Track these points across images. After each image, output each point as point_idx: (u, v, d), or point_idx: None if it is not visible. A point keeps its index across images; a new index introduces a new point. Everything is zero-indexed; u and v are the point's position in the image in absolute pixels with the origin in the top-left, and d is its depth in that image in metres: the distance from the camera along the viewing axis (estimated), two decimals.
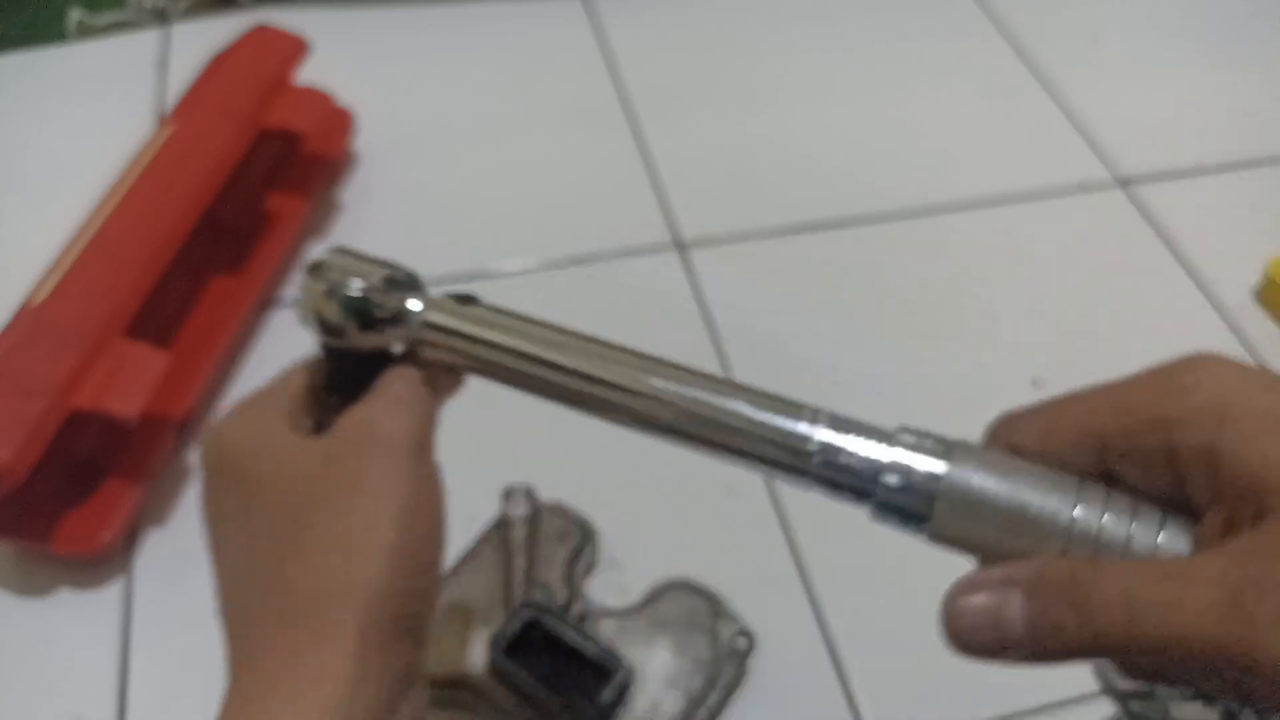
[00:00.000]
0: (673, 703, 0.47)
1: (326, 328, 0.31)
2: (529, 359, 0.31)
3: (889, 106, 0.78)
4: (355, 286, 0.31)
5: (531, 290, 0.64)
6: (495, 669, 0.46)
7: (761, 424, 0.28)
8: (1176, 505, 0.26)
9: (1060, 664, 0.25)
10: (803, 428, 0.28)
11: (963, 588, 0.26)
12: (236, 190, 0.61)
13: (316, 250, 0.66)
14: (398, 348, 0.33)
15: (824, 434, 0.28)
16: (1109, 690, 0.37)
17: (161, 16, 0.81)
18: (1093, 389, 0.28)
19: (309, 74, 0.66)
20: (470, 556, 0.51)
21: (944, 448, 0.27)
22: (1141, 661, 0.24)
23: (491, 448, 0.56)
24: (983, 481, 0.27)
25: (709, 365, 0.59)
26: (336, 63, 0.67)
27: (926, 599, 0.27)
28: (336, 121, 0.69)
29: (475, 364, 0.32)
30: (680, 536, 0.54)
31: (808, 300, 0.65)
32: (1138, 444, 0.26)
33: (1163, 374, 0.26)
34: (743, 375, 0.60)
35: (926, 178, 0.73)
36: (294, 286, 0.64)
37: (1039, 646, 0.25)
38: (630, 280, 0.64)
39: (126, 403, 0.49)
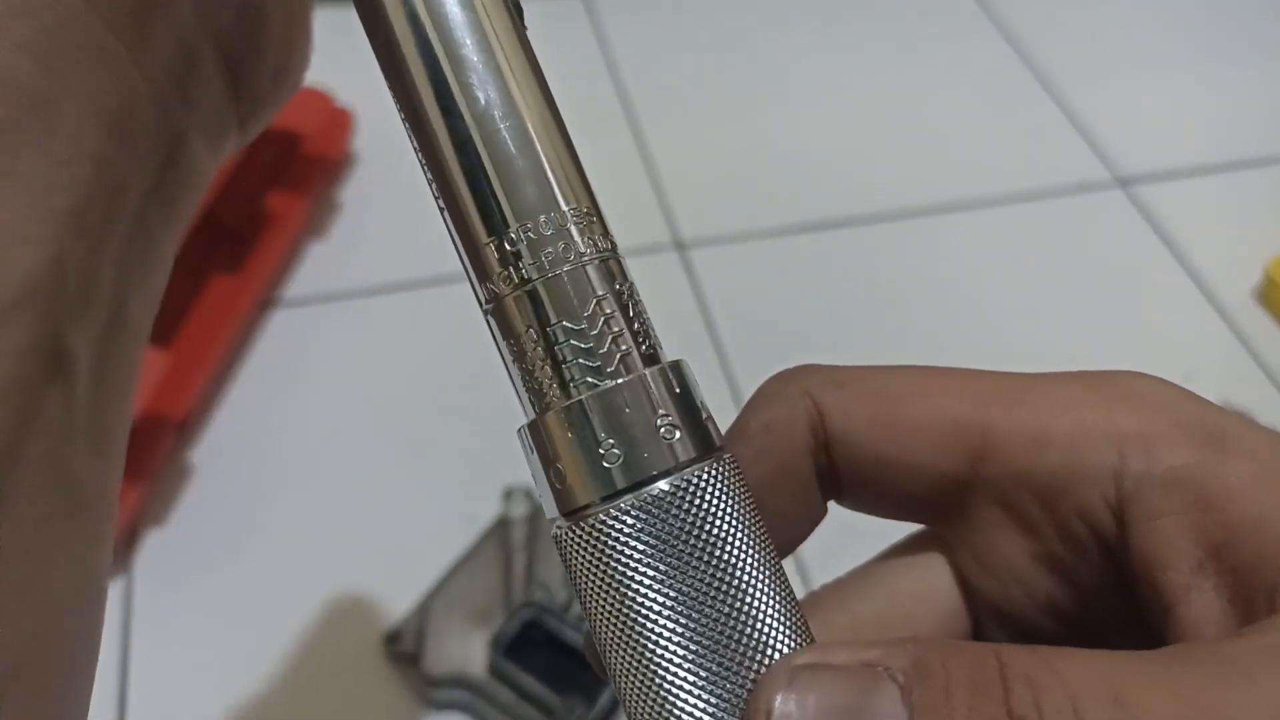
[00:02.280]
0: None
1: None
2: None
3: (889, 106, 0.78)
4: None
5: None
6: (495, 669, 0.46)
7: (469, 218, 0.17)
8: (1062, 571, 0.19)
9: None
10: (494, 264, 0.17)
11: (788, 675, 0.15)
12: (236, 190, 0.61)
13: (316, 250, 0.67)
14: None
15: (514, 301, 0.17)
16: None
17: None
18: (963, 371, 0.20)
19: (309, 74, 0.66)
20: (470, 556, 0.51)
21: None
22: None
23: (491, 448, 0.56)
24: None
25: (709, 365, 0.59)
26: (336, 63, 0.67)
27: None
28: (336, 121, 0.69)
29: None
30: None
31: (808, 300, 0.65)
32: (1050, 460, 0.18)
33: (1097, 377, 0.19)
34: (743, 374, 0.60)
35: (926, 178, 0.73)
36: (294, 286, 0.64)
37: None
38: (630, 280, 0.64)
39: None
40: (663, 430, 0.17)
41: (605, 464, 0.16)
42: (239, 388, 0.59)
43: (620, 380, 0.17)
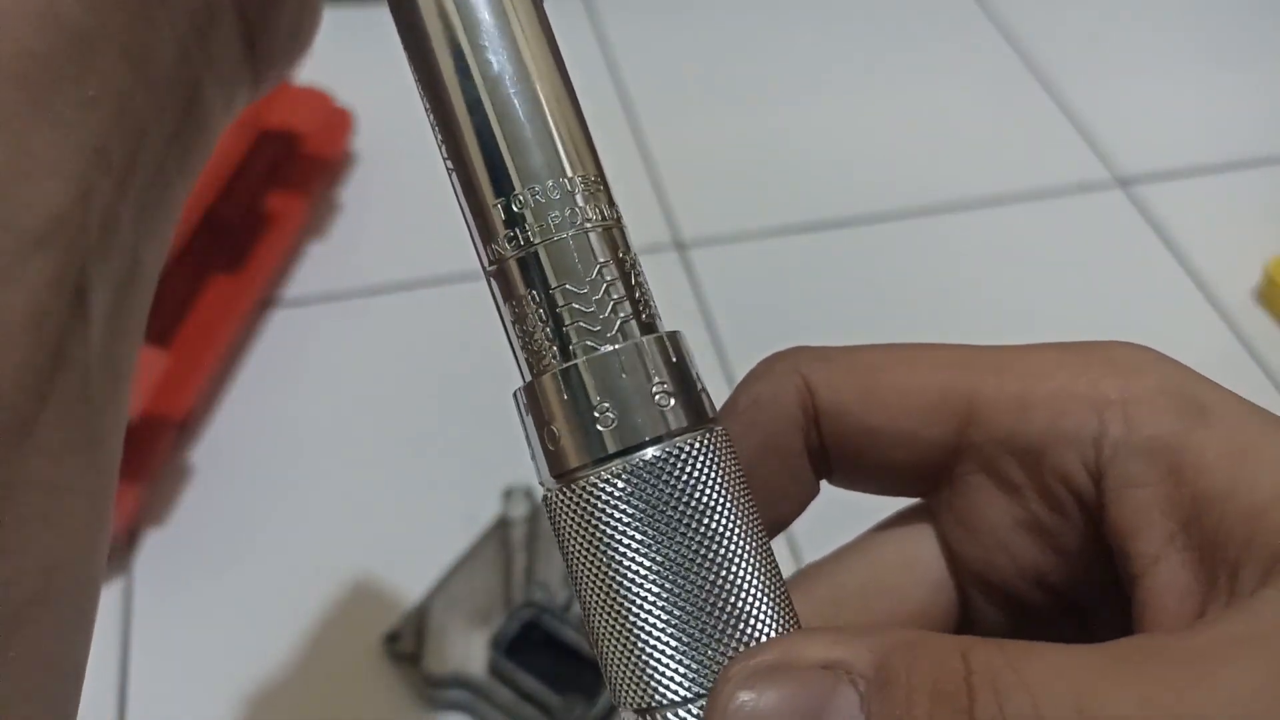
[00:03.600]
0: None
1: None
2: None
3: (889, 106, 0.78)
4: None
5: None
6: (495, 669, 0.46)
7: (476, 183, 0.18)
8: (1041, 534, 0.19)
9: None
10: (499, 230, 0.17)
11: (748, 674, 0.15)
12: (236, 190, 0.61)
13: (316, 250, 0.67)
14: None
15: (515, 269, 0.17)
16: None
17: None
18: (949, 345, 0.20)
19: (309, 74, 0.66)
20: (470, 556, 0.51)
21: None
22: None
23: (491, 448, 0.56)
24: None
25: (709, 365, 0.59)
26: (336, 63, 0.67)
27: None
28: (336, 121, 0.69)
29: None
30: None
31: (808, 300, 0.65)
32: (1032, 423, 0.18)
33: (1082, 346, 0.19)
34: (743, 375, 0.60)
35: (926, 178, 0.73)
36: (294, 286, 0.64)
37: None
38: None
39: None
40: (657, 397, 0.17)
41: (598, 428, 0.17)
42: (239, 388, 0.59)
43: (618, 345, 0.17)
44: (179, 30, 0.20)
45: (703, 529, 0.16)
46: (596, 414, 0.17)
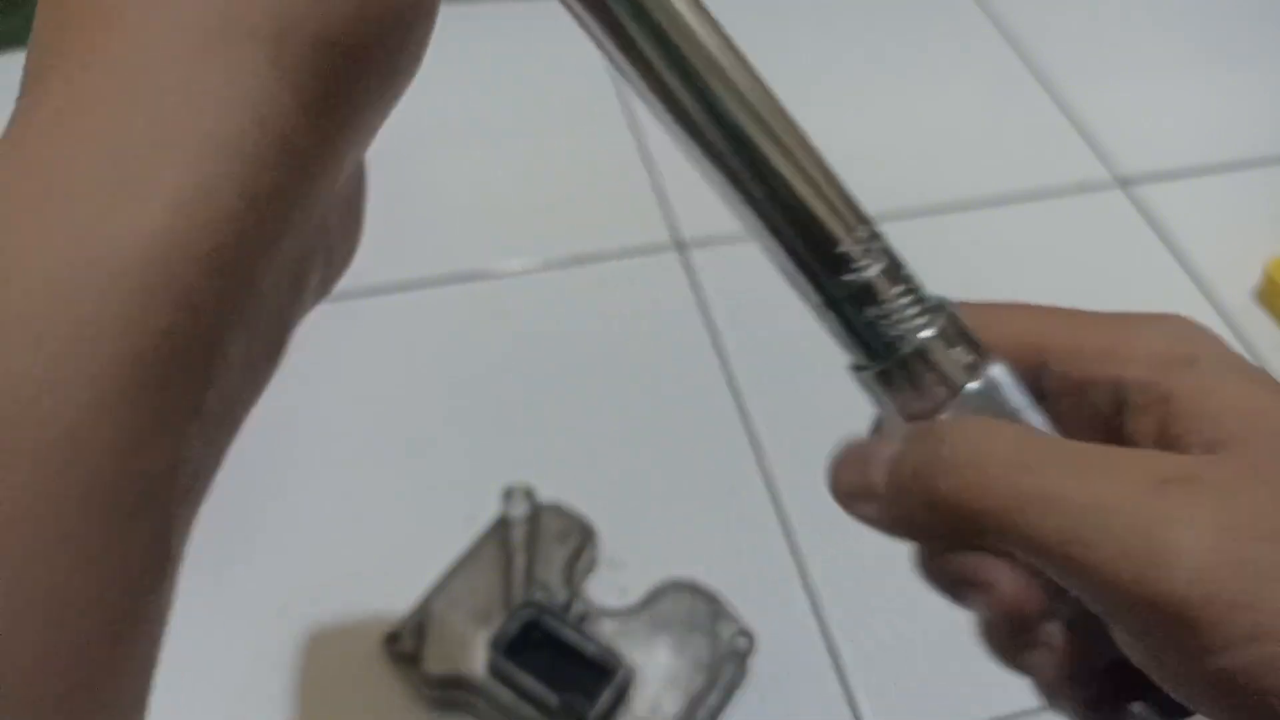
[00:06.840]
0: (673, 703, 0.47)
1: None
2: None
3: (888, 106, 0.78)
4: None
5: (531, 290, 0.64)
6: (495, 669, 0.46)
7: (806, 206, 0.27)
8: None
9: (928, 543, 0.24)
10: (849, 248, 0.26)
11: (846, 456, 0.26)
12: None
13: None
14: None
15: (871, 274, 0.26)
16: None
17: None
18: (1047, 307, 0.28)
19: None
20: (470, 556, 0.51)
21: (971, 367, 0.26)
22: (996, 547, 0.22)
23: (491, 448, 0.56)
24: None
25: (709, 365, 0.59)
26: None
27: (928, 599, 0.27)
28: None
29: None
30: (681, 537, 0.54)
31: None
32: (1083, 367, 0.26)
33: (1125, 315, 0.27)
34: (743, 375, 0.60)
35: (926, 178, 0.73)
36: None
37: (895, 515, 0.24)
38: (630, 280, 0.64)
39: None
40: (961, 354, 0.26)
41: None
42: None
43: (944, 313, 0.26)
44: (280, 289, 0.22)
45: None
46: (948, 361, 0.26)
